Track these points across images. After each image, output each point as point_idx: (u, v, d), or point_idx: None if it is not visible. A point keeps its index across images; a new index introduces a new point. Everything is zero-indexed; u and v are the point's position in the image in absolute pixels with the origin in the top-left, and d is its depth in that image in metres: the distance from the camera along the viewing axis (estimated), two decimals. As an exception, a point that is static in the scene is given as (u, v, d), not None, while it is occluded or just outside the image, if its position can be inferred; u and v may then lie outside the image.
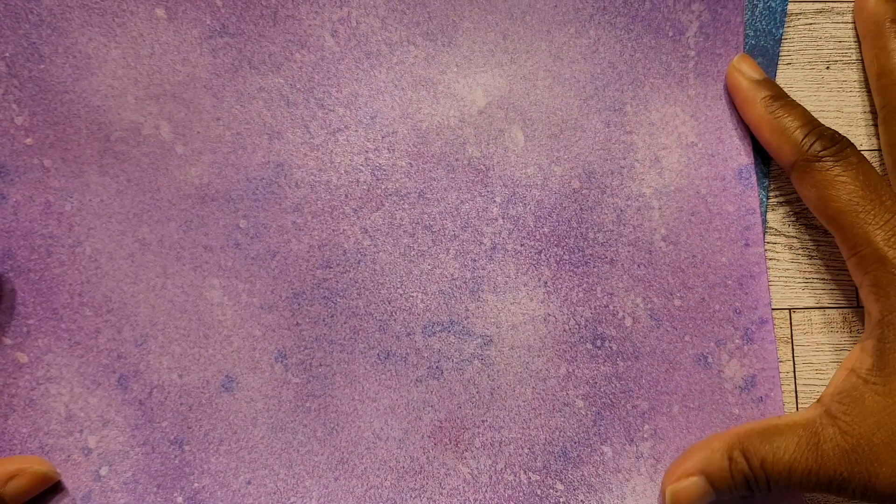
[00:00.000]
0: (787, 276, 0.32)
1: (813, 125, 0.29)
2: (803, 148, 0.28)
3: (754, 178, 0.31)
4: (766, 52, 0.32)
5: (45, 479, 0.29)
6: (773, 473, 0.26)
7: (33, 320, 0.31)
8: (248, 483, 0.30)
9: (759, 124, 0.30)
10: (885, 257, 0.26)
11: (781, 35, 0.32)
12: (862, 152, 0.28)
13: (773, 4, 0.32)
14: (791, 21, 0.33)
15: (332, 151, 0.32)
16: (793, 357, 0.31)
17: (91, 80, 0.31)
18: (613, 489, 0.30)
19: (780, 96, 0.30)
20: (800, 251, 0.32)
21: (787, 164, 0.29)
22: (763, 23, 0.32)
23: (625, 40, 0.32)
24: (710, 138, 0.32)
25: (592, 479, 0.31)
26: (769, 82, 0.30)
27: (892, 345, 0.26)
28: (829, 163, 0.28)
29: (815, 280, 0.32)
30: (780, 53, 0.32)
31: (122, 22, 0.32)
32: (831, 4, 0.33)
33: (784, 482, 0.26)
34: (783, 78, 0.32)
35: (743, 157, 0.31)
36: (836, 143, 0.28)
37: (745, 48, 0.32)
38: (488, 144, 0.32)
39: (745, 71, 0.31)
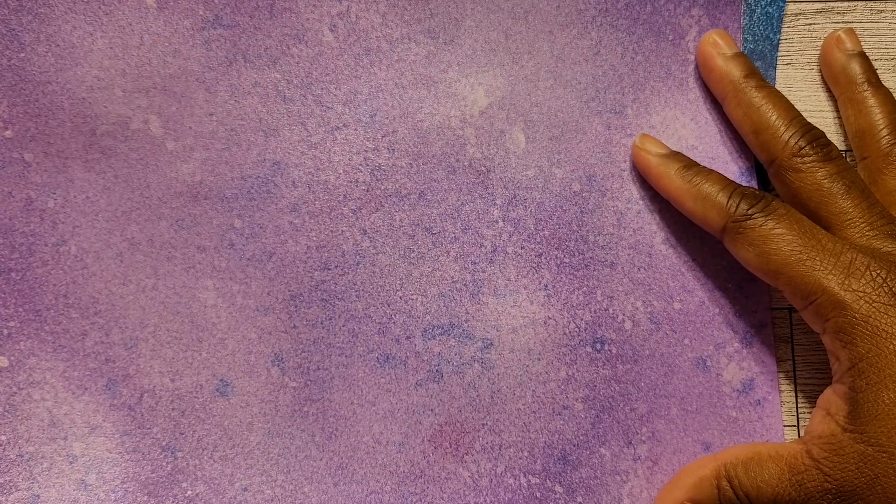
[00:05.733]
0: (788, 282, 0.32)
1: (733, 186, 0.28)
2: (730, 210, 0.28)
3: (755, 180, 0.31)
4: (764, 57, 0.32)
5: None
6: None
7: (14, 322, 0.30)
8: (245, 490, 0.30)
9: (679, 195, 0.29)
10: (844, 302, 0.26)
11: (779, 40, 0.32)
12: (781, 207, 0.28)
13: (771, 10, 0.32)
14: (790, 21, 0.33)
15: (330, 150, 0.31)
16: (792, 356, 0.32)
17: (75, 71, 0.30)
18: (611, 491, 0.31)
19: (691, 164, 0.30)
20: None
21: (717, 229, 0.28)
22: (761, 28, 0.32)
23: (626, 43, 0.32)
24: (710, 141, 0.32)
25: (590, 481, 0.31)
26: (676, 154, 0.30)
27: (864, 394, 0.26)
28: (760, 219, 0.27)
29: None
30: (780, 54, 0.33)
31: (108, 10, 0.30)
32: (831, 4, 0.33)
33: None
34: (782, 78, 0.33)
35: (743, 160, 0.32)
36: (761, 200, 0.28)
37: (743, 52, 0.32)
38: (489, 146, 0.31)
39: (651, 148, 0.31)
